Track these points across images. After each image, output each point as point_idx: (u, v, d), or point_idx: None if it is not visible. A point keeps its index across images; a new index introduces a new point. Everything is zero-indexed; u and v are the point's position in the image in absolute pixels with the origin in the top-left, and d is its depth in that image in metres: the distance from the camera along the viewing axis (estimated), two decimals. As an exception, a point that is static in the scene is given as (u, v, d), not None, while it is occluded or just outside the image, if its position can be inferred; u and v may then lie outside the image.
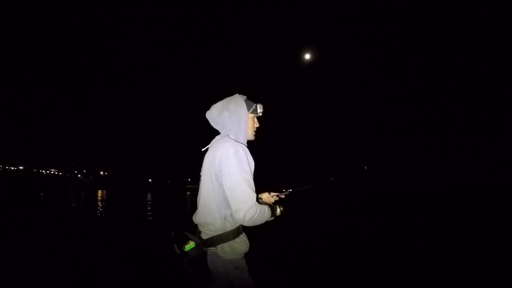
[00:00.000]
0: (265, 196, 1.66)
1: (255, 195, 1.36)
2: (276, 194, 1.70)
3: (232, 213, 1.38)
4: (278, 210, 1.58)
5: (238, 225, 1.43)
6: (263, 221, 1.42)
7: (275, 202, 1.64)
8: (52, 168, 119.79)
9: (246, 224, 1.36)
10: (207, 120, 1.61)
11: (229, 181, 1.33)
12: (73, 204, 16.71)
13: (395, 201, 25.93)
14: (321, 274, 4.17)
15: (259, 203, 1.57)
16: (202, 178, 1.49)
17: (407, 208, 18.54)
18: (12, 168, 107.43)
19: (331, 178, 1.91)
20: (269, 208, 1.46)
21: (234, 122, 1.50)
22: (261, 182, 1.39)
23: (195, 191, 1.60)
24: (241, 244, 1.42)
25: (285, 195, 1.72)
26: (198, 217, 1.47)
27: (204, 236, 1.43)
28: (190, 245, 1.38)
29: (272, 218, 1.53)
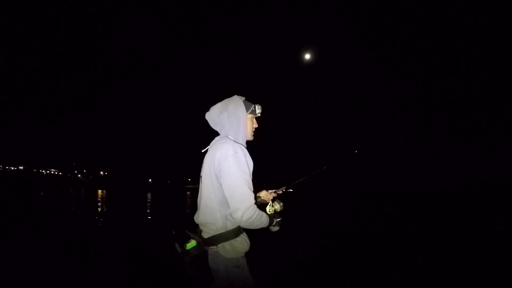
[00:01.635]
0: (263, 193, 1.68)
1: (253, 196, 1.37)
2: (273, 190, 1.73)
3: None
4: (278, 206, 1.60)
5: (238, 224, 1.44)
6: (261, 225, 1.42)
7: (274, 198, 1.66)
8: (52, 168, 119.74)
9: (244, 224, 1.37)
10: (206, 121, 1.63)
11: (228, 181, 1.35)
12: (73, 204, 16.72)
13: (394, 201, 25.95)
14: (320, 274, 4.19)
15: (259, 202, 1.60)
16: (202, 178, 1.51)
17: (406, 208, 18.56)
18: (12, 168, 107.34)
19: (324, 167, 1.94)
20: (267, 216, 1.47)
21: (233, 123, 1.51)
22: (260, 181, 1.41)
23: (195, 191, 1.63)
24: (242, 243, 1.43)
25: (282, 190, 1.76)
26: (200, 217, 1.49)
27: (205, 235, 1.44)
28: (192, 243, 1.39)
29: (278, 228, 1.56)
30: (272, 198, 1.66)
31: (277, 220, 1.56)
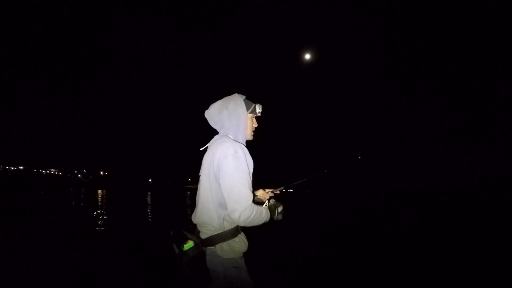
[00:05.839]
0: (260, 193, 1.65)
1: (252, 196, 1.35)
2: (270, 190, 1.69)
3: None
4: (277, 213, 1.54)
5: (236, 224, 1.42)
6: (261, 222, 1.41)
7: (270, 198, 1.63)
8: (52, 168, 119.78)
9: (242, 224, 1.36)
10: (206, 120, 1.60)
11: (226, 181, 1.33)
12: (73, 204, 16.71)
13: (393, 200, 25.93)
14: (320, 274, 4.17)
15: (255, 201, 1.57)
16: (201, 177, 1.49)
17: (406, 207, 18.55)
18: (12, 168, 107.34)
19: (325, 171, 1.91)
20: (267, 210, 1.46)
21: (233, 121, 1.48)
22: (260, 180, 1.39)
23: (195, 191, 1.60)
24: (240, 243, 1.42)
25: (280, 190, 1.72)
26: (197, 217, 1.48)
27: (203, 235, 1.43)
28: (189, 244, 1.38)
29: (281, 217, 1.53)
30: (268, 197, 1.64)
31: (279, 211, 1.53)
